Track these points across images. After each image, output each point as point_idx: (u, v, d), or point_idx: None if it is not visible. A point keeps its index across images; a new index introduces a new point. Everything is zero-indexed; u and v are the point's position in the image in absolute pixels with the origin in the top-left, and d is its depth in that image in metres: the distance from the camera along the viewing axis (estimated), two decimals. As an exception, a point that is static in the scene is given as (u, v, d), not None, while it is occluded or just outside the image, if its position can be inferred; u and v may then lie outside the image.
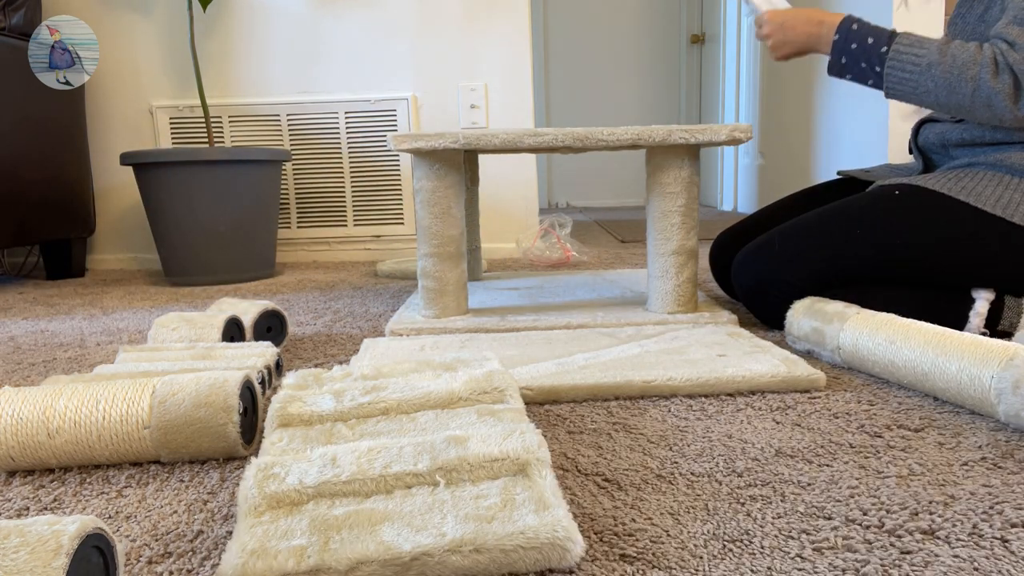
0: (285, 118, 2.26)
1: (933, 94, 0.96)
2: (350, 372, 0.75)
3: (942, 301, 1.02)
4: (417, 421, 0.65)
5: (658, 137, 1.08)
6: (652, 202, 1.16)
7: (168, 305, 1.57)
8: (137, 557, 0.51)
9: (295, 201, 2.31)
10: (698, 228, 1.15)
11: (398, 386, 0.70)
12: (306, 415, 0.66)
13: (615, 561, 0.49)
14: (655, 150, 1.14)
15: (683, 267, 1.15)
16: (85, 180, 2.11)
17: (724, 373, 0.84)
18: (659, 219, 1.15)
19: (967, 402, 0.75)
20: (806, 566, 0.47)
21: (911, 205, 1.01)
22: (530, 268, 1.97)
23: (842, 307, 0.95)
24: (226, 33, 2.24)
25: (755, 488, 0.59)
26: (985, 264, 0.99)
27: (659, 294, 1.17)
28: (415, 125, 2.27)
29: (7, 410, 0.65)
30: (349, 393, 0.69)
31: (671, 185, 1.13)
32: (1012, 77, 0.90)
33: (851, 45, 1.02)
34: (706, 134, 1.08)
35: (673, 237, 1.14)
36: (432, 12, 2.23)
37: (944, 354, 0.77)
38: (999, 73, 0.91)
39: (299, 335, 1.21)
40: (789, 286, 1.06)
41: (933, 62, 0.95)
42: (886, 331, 0.85)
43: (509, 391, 0.70)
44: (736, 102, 3.79)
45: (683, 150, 1.13)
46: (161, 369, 0.83)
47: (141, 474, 0.66)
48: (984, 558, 0.48)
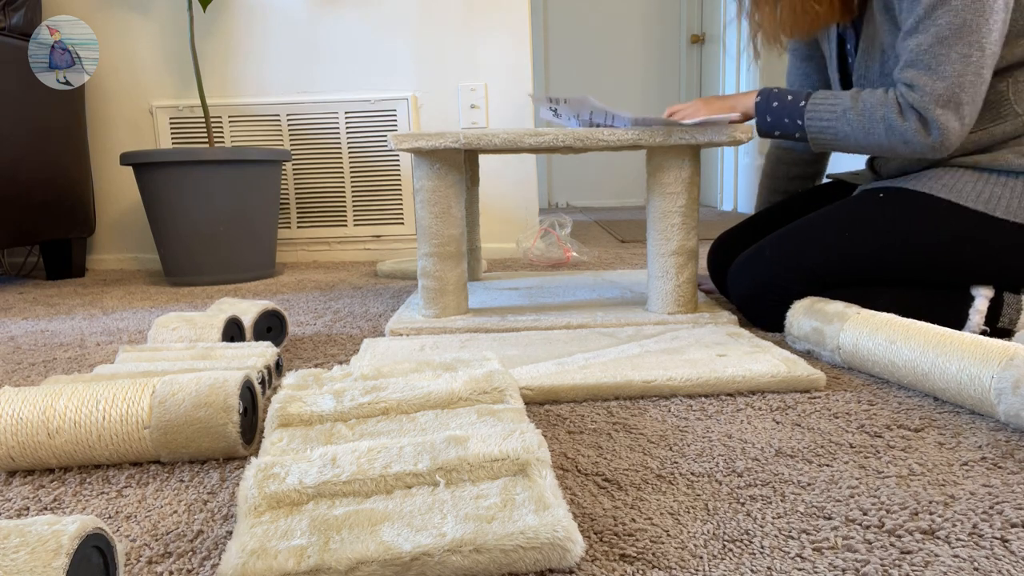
0: (285, 118, 2.26)
1: (852, 138, 1.02)
2: (350, 372, 0.75)
3: (941, 299, 1.02)
4: (417, 421, 0.65)
5: (659, 138, 1.08)
6: (652, 202, 1.16)
7: (168, 305, 1.57)
8: (137, 557, 0.51)
9: (295, 201, 2.31)
10: (698, 228, 1.15)
11: (398, 386, 0.70)
12: (306, 415, 0.66)
13: (615, 561, 0.49)
14: (655, 150, 1.14)
15: (683, 267, 1.16)
16: (85, 180, 2.11)
17: (724, 373, 0.84)
18: (659, 219, 1.15)
19: (967, 402, 0.75)
20: (806, 566, 0.47)
21: (895, 207, 1.03)
22: (530, 268, 1.97)
23: (842, 307, 0.95)
24: (226, 33, 2.24)
25: (755, 488, 0.59)
26: (974, 260, 1.00)
27: (659, 294, 1.17)
28: (415, 125, 2.27)
29: (7, 410, 0.65)
30: (349, 393, 0.69)
31: (672, 185, 1.13)
32: (916, 115, 0.96)
33: (772, 103, 1.09)
34: (707, 135, 1.08)
35: (673, 237, 1.14)
36: (432, 12, 2.23)
37: (944, 354, 0.77)
38: (903, 113, 0.97)
39: (299, 335, 1.21)
40: (783, 291, 1.08)
41: (847, 107, 1.01)
42: (886, 331, 0.85)
43: (509, 391, 0.70)
44: (736, 102, 3.78)
45: (684, 151, 1.12)
46: (161, 369, 0.83)
47: (141, 474, 0.66)
48: (984, 558, 0.48)
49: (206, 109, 1.95)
